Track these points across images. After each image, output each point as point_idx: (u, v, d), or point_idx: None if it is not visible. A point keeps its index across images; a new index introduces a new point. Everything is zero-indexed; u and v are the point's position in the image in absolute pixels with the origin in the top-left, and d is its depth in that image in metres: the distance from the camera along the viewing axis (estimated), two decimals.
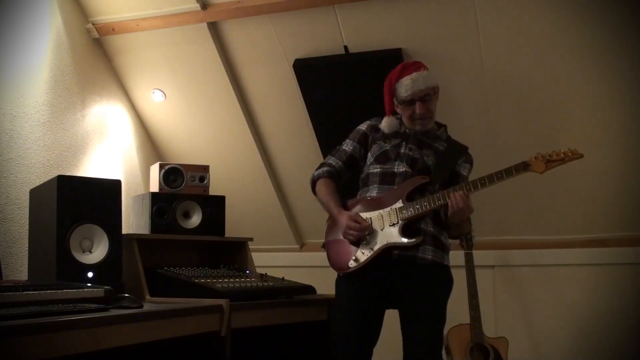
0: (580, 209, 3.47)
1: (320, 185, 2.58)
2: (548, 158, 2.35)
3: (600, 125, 3.22)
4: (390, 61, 3.22)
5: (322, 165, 2.64)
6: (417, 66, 2.50)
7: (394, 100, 2.52)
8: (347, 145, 2.61)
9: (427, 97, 2.47)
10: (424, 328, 2.38)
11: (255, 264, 3.11)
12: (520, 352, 3.50)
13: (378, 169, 2.51)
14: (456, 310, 3.43)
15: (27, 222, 2.75)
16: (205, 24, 3.38)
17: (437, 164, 2.48)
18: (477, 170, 2.50)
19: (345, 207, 2.52)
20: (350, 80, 3.37)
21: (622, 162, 3.27)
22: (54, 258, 2.33)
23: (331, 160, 2.62)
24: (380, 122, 2.58)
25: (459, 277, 3.38)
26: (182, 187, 3.08)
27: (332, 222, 2.55)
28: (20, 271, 2.83)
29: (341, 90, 3.44)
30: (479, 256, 3.42)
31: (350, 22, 3.23)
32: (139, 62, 3.67)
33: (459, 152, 2.56)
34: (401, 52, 3.20)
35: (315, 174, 2.62)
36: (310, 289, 2.80)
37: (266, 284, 2.74)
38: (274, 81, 3.57)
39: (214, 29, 3.44)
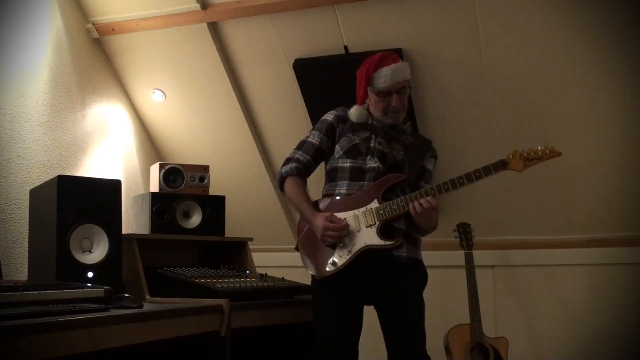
0: (581, 209, 3.47)
1: (290, 184, 2.50)
2: (526, 156, 2.33)
3: (600, 125, 3.21)
4: None
5: (288, 160, 2.54)
6: (395, 58, 2.48)
7: (369, 90, 2.48)
8: (314, 137, 2.53)
9: (403, 89, 2.45)
10: (408, 323, 2.36)
11: (255, 264, 3.11)
12: (520, 352, 3.50)
13: (348, 164, 2.45)
14: (456, 310, 3.46)
15: (27, 222, 2.75)
16: (205, 24, 3.38)
17: (409, 160, 2.45)
18: None
19: (317, 207, 2.46)
20: (350, 80, 3.34)
21: (622, 162, 3.27)
22: (54, 258, 2.33)
23: (298, 154, 2.53)
24: (346, 112, 2.54)
25: (459, 277, 3.41)
26: (182, 187, 3.08)
27: (305, 225, 2.48)
28: (20, 271, 2.83)
29: (341, 91, 3.41)
30: (479, 256, 3.43)
31: (350, 22, 3.23)
32: (139, 62, 3.67)
33: (425, 146, 2.54)
34: (401, 52, 3.20)
35: (283, 171, 2.52)
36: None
37: (266, 284, 2.74)
38: (274, 81, 3.57)
39: (214, 29, 3.44)
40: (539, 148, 2.34)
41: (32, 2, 3.07)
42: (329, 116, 2.56)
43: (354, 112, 2.52)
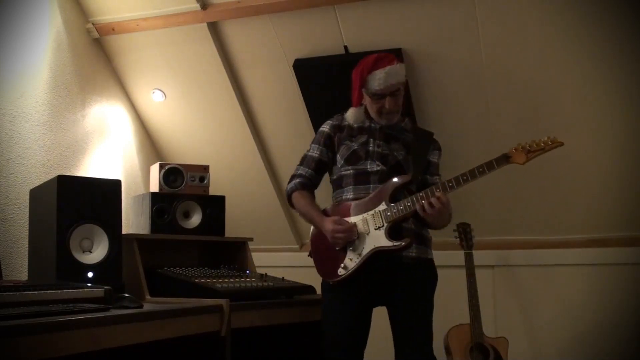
0: (581, 209, 3.47)
1: (297, 199, 2.55)
2: (528, 148, 2.33)
3: (600, 124, 3.21)
4: None
5: (293, 177, 2.60)
6: (390, 59, 2.46)
7: (363, 91, 2.49)
8: (314, 151, 2.58)
9: (397, 92, 2.46)
10: (415, 322, 2.39)
11: (255, 264, 3.12)
12: (520, 352, 3.50)
13: (350, 170, 2.48)
14: (456, 310, 3.45)
15: (27, 222, 2.75)
16: (205, 24, 3.38)
17: (412, 158, 2.46)
18: None
19: (327, 215, 2.48)
20: (350, 80, 3.36)
21: (622, 162, 3.27)
22: (54, 258, 2.33)
23: (300, 170, 2.59)
24: (341, 120, 2.56)
25: (459, 277, 3.41)
26: (182, 187, 3.09)
27: (317, 231, 2.52)
28: (20, 271, 2.83)
29: (341, 91, 3.41)
30: (479, 256, 3.42)
31: (350, 22, 3.23)
32: (139, 62, 3.66)
33: (427, 140, 2.54)
34: (401, 52, 3.20)
35: (288, 188, 2.59)
36: (310, 289, 2.80)
37: (266, 284, 2.74)
38: (274, 81, 3.57)
39: (214, 29, 3.44)
40: (541, 139, 2.34)
41: (32, 2, 3.07)
42: (324, 127, 2.60)
43: (350, 115, 2.54)
